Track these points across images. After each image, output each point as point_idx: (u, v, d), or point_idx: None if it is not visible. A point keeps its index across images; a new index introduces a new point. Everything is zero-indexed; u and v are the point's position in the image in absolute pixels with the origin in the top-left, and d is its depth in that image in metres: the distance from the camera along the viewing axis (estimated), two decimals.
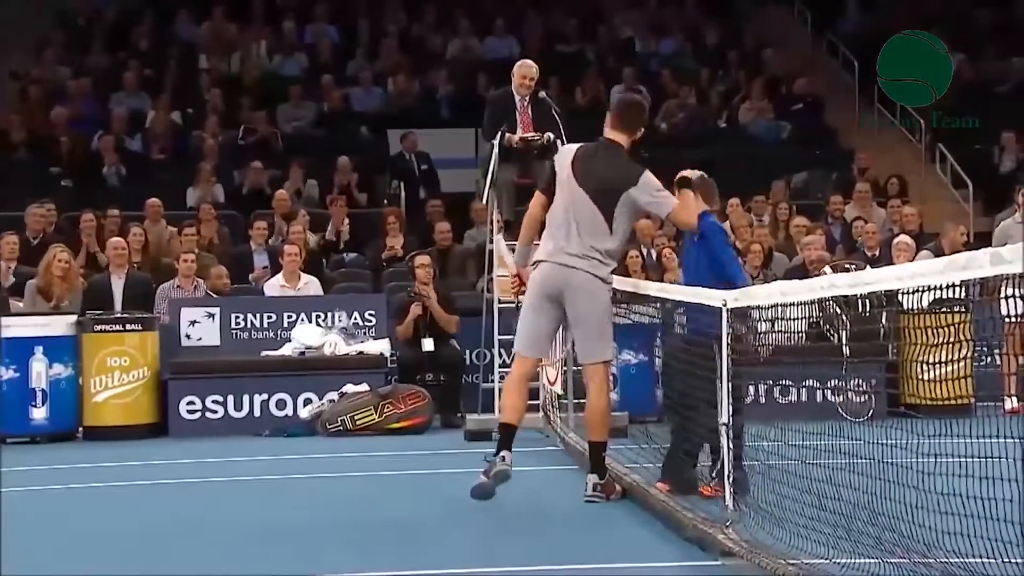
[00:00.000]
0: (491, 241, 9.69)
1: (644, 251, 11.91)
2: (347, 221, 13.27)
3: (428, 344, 10.29)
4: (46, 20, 18.57)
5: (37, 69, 17.20)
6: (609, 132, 6.30)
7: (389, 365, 10.40)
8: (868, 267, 9.63)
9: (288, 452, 8.81)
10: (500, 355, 9.55)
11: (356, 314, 10.61)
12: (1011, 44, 18.48)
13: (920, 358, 4.30)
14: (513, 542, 5.46)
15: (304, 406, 9.92)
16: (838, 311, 7.60)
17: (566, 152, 6.36)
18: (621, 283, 7.55)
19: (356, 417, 9.73)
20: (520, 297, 6.55)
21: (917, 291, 3.74)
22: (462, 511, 6.15)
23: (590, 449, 6.35)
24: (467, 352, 10.60)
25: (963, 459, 3.89)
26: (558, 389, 8.49)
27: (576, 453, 7.67)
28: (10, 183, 14.59)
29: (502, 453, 6.16)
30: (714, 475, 5.66)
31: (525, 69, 9.65)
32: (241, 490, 7.29)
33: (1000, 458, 3.75)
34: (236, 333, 10.47)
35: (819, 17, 19.92)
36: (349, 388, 9.86)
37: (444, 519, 5.99)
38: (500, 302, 9.42)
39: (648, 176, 6.16)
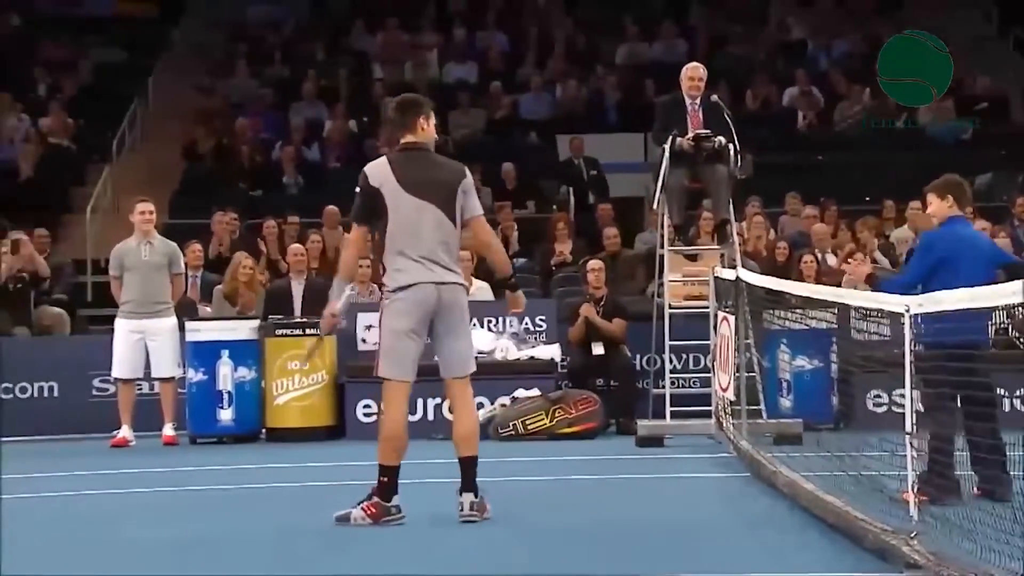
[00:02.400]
0: (662, 246, 9.65)
1: (819, 256, 11.67)
2: (515, 227, 13.39)
3: (598, 348, 10.31)
4: (228, 35, 19.33)
5: (221, 82, 17.92)
6: (403, 138, 6.02)
7: (560, 370, 10.45)
8: None
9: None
10: (671, 360, 9.51)
11: (527, 319, 10.69)
12: None
13: None
14: (689, 550, 5.43)
15: (476, 410, 10.03)
16: (1020, 319, 7.31)
17: (376, 172, 5.95)
18: (794, 287, 7.44)
19: (527, 421, 9.81)
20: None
21: None
22: (626, 517, 6.14)
23: (469, 465, 5.95)
24: (637, 357, 10.58)
25: None
26: (731, 395, 8.40)
27: (749, 459, 7.57)
28: (196, 193, 15.25)
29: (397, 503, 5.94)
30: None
31: (693, 71, 9.60)
32: (413, 492, 7.42)
33: None
34: None
35: (1005, 13, 19.15)
36: (520, 393, 9.95)
37: (607, 523, 5.97)
38: (671, 307, 9.39)
39: (469, 173, 6.05)
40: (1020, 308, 6.22)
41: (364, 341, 10.65)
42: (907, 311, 5.06)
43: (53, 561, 5.37)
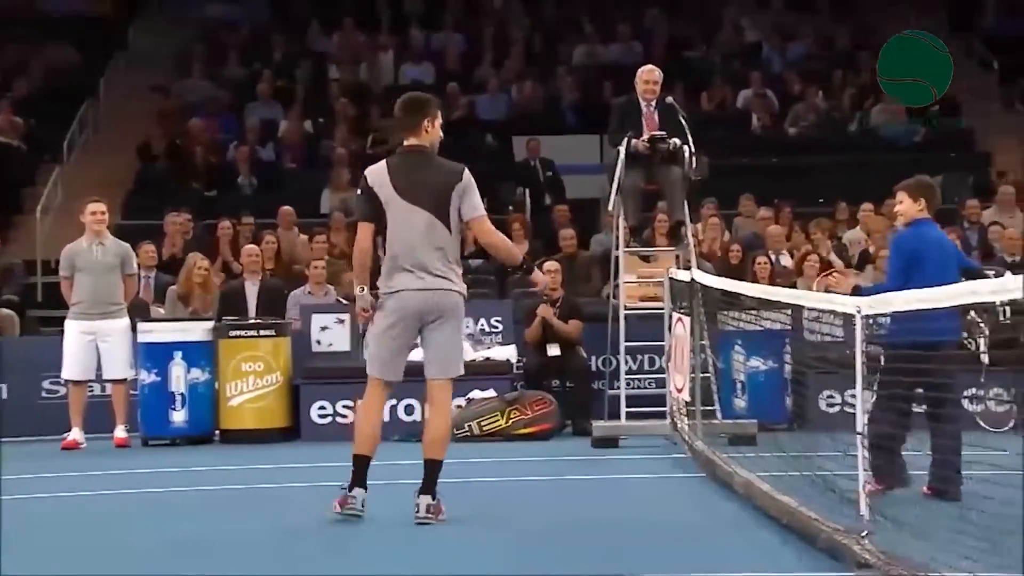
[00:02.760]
0: (617, 247, 9.67)
1: (773, 257, 11.74)
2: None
3: (554, 349, 10.31)
4: (186, 36, 19.17)
5: (178, 83, 17.77)
6: (407, 140, 6.06)
7: (515, 371, 10.45)
8: (1008, 273, 9.32)
9: (416, 457, 8.88)
10: (627, 361, 9.52)
11: (483, 320, 10.69)
12: None
13: None
14: (641, 549, 5.43)
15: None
16: (977, 319, 7.39)
17: (374, 175, 5.96)
18: (749, 289, 7.48)
19: (483, 423, 9.80)
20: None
21: None
22: (586, 518, 6.16)
23: (431, 467, 6.03)
24: (592, 358, 10.60)
25: None
26: (686, 396, 8.43)
27: (704, 460, 7.59)
28: (149, 193, 15.11)
29: (356, 491, 6.01)
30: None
31: (648, 74, 9.62)
32: (371, 493, 7.38)
33: None
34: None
35: (957, 16, 19.38)
36: (476, 394, 9.93)
37: (569, 526, 5.98)
38: (626, 308, 9.40)
39: (468, 174, 5.98)
40: (971, 309, 6.29)
41: (319, 343, 10.61)
42: (858, 312, 5.09)
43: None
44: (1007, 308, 7.30)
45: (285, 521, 6.28)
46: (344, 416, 10.08)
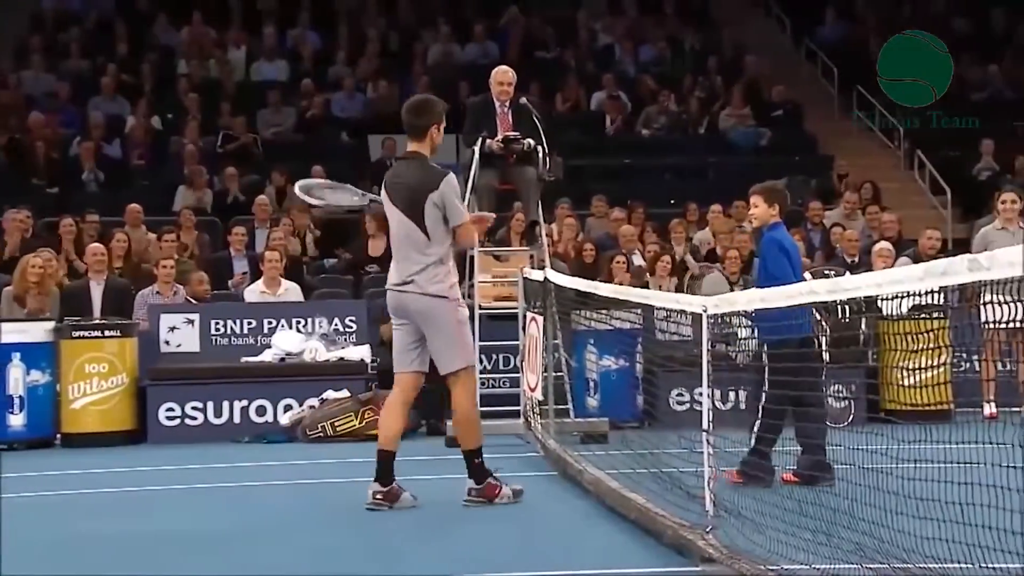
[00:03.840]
0: (472, 247, 9.67)
1: (628, 256, 11.92)
2: (310, 228, 13.31)
3: None
4: (22, 26, 18.48)
5: (14, 75, 17.12)
6: (408, 145, 6.38)
7: (370, 371, 10.38)
8: (848, 273, 9.68)
9: (268, 458, 8.79)
10: (481, 360, 9.53)
11: (336, 320, 10.60)
12: (987, 52, 18.62)
13: (900, 364, 4.33)
14: (490, 547, 5.46)
15: (284, 412, 9.88)
16: (818, 317, 7.64)
17: (385, 179, 6.42)
18: (601, 288, 7.58)
19: (337, 423, 9.71)
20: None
21: (896, 297, 3.76)
22: (438, 517, 6.15)
23: (464, 458, 6.37)
24: None
25: (942, 465, 3.91)
26: (538, 395, 8.50)
27: (556, 458, 7.67)
28: None
29: (372, 485, 6.32)
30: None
31: (502, 75, 9.67)
32: (220, 497, 7.25)
33: (978, 464, 3.77)
34: (216, 339, 10.44)
35: (798, 24, 20.04)
36: (330, 394, 9.83)
37: (419, 525, 5.98)
38: (481, 308, 9.42)
39: (450, 182, 6.22)
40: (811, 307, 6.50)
41: (167, 343, 10.36)
42: (705, 311, 5.21)
43: None
44: (847, 307, 7.57)
45: (129, 525, 6.11)
46: (194, 418, 9.87)
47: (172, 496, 7.31)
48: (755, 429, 6.27)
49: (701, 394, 5.33)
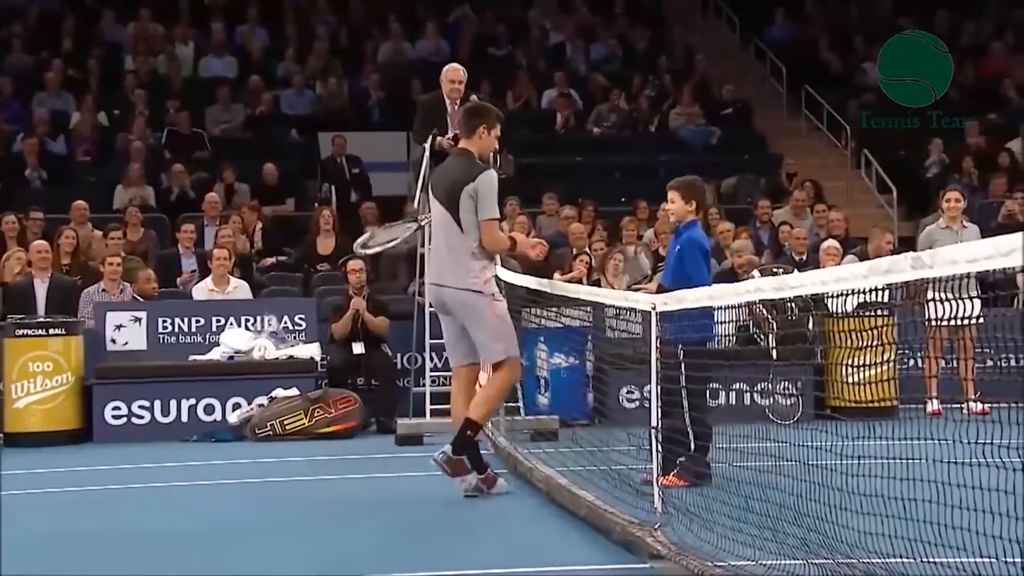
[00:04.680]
0: (422, 244, 9.66)
1: (590, 255, 11.94)
2: (259, 227, 13.24)
3: (359, 347, 10.25)
4: None
5: None
6: (460, 143, 6.70)
7: (319, 369, 10.33)
8: (796, 271, 9.77)
9: (216, 457, 8.73)
10: (431, 359, 9.53)
11: (286, 318, 10.54)
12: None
13: (845, 361, 4.38)
14: (437, 544, 5.46)
15: (233, 411, 9.82)
16: (766, 315, 7.71)
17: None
18: (549, 286, 7.59)
19: (286, 422, 9.67)
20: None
21: (842, 295, 3.80)
22: (386, 514, 6.14)
23: (463, 426, 6.35)
24: (398, 356, 10.58)
25: (886, 461, 3.96)
26: None
27: (506, 456, 7.67)
28: None
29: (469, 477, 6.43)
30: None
31: (452, 73, 9.64)
32: (167, 496, 7.19)
33: (921, 460, 3.83)
34: (163, 337, 10.34)
35: (747, 24, 20.20)
36: (279, 392, 9.78)
37: (368, 522, 5.96)
38: (431, 306, 9.39)
39: (488, 177, 6.34)
40: (758, 304, 6.56)
41: (113, 342, 10.25)
42: (653, 309, 5.24)
43: None
44: (794, 305, 7.64)
45: (75, 525, 6.04)
46: (140, 417, 9.78)
47: (118, 496, 7.23)
48: (688, 430, 6.19)
49: (650, 391, 5.36)
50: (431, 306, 6.80)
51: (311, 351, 10.25)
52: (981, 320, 8.14)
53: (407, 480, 7.47)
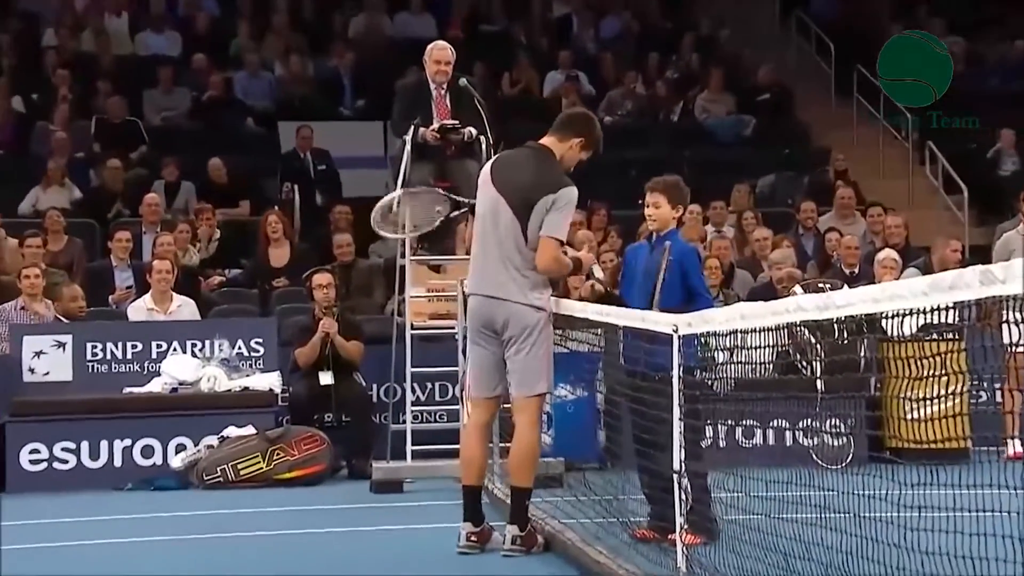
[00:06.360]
0: (403, 255, 9.70)
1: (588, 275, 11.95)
2: (215, 234, 13.27)
3: (326, 378, 10.26)
4: None
5: None
6: (544, 138, 6.62)
7: (280, 403, 10.36)
8: (846, 287, 9.79)
9: (155, 509, 8.73)
10: (413, 391, 9.55)
11: (240, 342, 10.56)
12: (1015, 28, 18.86)
13: (905, 394, 4.38)
14: None
15: (176, 453, 9.83)
16: (811, 339, 7.73)
17: (489, 162, 6.70)
18: (558, 306, 7.61)
19: (239, 466, 9.68)
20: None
21: (899, 315, 3.82)
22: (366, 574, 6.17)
23: (512, 495, 6.53)
24: (373, 388, 10.59)
25: (953, 513, 3.97)
26: None
27: (502, 504, 7.68)
28: None
29: (461, 528, 6.54)
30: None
31: (439, 53, 9.71)
32: (93, 556, 7.20)
33: (996, 512, 3.84)
34: (92, 366, 10.37)
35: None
36: (231, 431, 9.80)
37: None
38: (414, 327, 9.43)
39: (572, 193, 6.39)
40: (800, 327, 6.58)
41: (32, 371, 10.27)
42: (675, 331, 5.26)
43: None
44: (844, 327, 7.65)
45: None
46: (64, 461, 9.79)
47: (33, 556, 7.23)
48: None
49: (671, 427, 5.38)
50: (476, 324, 6.49)
51: (270, 381, 10.28)
52: None
53: (385, 535, 7.48)
